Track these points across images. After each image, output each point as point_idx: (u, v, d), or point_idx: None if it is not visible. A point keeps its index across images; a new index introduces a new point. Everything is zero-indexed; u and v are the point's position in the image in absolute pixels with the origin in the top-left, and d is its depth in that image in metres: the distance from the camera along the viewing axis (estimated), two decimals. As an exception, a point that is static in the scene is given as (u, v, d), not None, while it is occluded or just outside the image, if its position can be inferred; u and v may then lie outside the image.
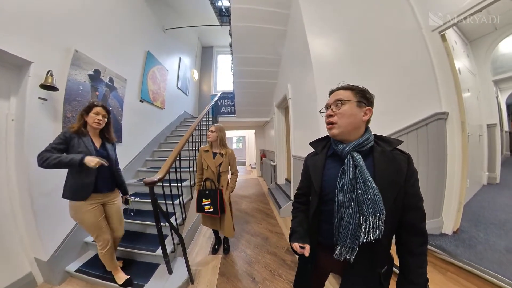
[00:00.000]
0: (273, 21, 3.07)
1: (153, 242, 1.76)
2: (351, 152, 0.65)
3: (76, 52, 1.86)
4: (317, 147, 0.80)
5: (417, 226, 0.64)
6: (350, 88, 0.68)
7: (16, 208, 1.49)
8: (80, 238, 1.81)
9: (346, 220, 0.63)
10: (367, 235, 0.59)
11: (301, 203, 0.86)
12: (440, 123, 1.66)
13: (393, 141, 0.67)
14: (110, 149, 1.46)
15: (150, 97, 3.30)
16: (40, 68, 1.53)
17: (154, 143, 3.44)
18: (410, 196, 0.63)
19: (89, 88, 2.04)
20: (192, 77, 5.56)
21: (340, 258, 0.65)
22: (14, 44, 1.38)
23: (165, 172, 1.48)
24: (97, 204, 1.37)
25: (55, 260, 1.56)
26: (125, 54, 2.69)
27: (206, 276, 1.69)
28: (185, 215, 2.08)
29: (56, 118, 1.68)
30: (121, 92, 2.56)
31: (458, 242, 1.66)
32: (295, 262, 1.84)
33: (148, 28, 3.33)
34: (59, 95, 1.70)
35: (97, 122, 1.34)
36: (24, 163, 1.45)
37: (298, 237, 0.74)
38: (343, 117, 0.65)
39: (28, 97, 1.47)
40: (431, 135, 1.70)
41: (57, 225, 1.63)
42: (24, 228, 1.50)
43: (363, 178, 0.60)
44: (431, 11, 1.65)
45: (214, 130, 1.87)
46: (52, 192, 1.59)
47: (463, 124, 1.66)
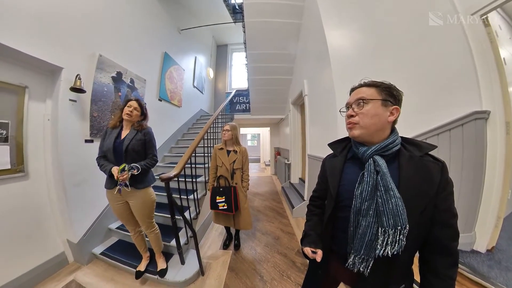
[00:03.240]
0: (287, 14, 2.96)
1: (169, 233, 1.86)
2: (373, 156, 0.59)
3: (100, 57, 2.02)
4: (337, 148, 0.74)
5: (446, 245, 0.56)
6: (374, 85, 0.60)
7: (52, 196, 1.70)
8: (105, 225, 2.01)
9: (362, 229, 0.58)
10: (384, 248, 0.54)
11: (316, 206, 0.82)
12: (480, 123, 1.40)
13: (424, 146, 0.58)
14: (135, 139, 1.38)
15: (168, 96, 3.46)
16: (70, 73, 1.70)
17: (172, 139, 3.61)
18: (441, 211, 0.55)
19: (113, 89, 2.20)
20: (207, 76, 5.69)
21: (353, 269, 0.61)
22: (48, 52, 1.54)
23: (181, 168, 1.55)
24: (120, 202, 1.41)
25: (83, 242, 1.76)
26: (144, 56, 2.85)
27: (216, 270, 1.73)
28: (199, 210, 2.16)
29: (84, 117, 1.86)
30: (141, 92, 2.73)
31: (493, 262, 1.43)
32: (305, 265, 1.79)
33: (164, 30, 3.46)
34: (86, 97, 1.87)
35: (128, 114, 1.39)
36: (59, 158, 1.64)
37: (310, 241, 0.71)
38: (365, 117, 0.58)
39: (60, 99, 1.65)
40: (468, 138, 1.45)
41: (86, 212, 1.83)
42: (59, 213, 1.72)
43: (385, 185, 0.54)
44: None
45: (229, 129, 1.89)
46: (82, 183, 1.80)
47: (508, 125, 1.38)
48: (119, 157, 1.35)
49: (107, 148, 1.35)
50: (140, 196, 1.40)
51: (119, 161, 1.34)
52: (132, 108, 1.41)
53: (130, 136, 1.39)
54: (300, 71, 3.37)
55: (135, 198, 1.40)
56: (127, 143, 1.36)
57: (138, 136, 1.41)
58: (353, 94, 0.64)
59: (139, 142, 1.40)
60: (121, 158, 1.35)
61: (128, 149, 1.36)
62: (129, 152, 1.36)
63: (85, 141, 1.86)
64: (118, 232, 2.00)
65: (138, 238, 1.56)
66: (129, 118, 1.40)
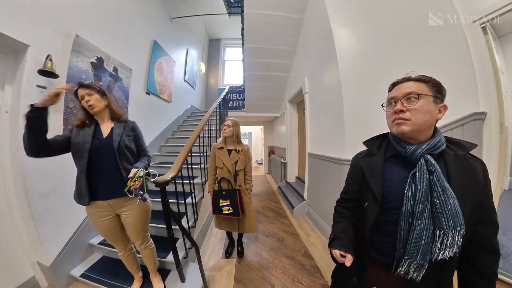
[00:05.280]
0: (288, 8, 2.85)
1: (163, 246, 1.60)
2: (424, 155, 0.57)
3: (77, 37, 1.69)
4: (372, 147, 0.72)
5: (490, 242, 0.58)
6: (423, 80, 0.59)
7: (14, 209, 1.35)
8: (84, 240, 1.68)
9: (417, 233, 0.55)
10: (443, 251, 0.53)
11: (347, 208, 0.78)
12: (478, 124, 1.52)
13: (467, 145, 0.60)
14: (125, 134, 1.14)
15: (156, 89, 3.13)
16: (38, 53, 1.37)
17: (161, 137, 3.30)
18: (485, 208, 0.57)
19: (92, 77, 1.87)
20: (199, 70, 5.37)
21: (405, 276, 0.58)
22: (9, 26, 1.21)
23: (178, 169, 1.32)
24: (108, 217, 1.12)
25: (58, 264, 1.44)
26: (131, 43, 2.51)
27: (221, 284, 1.57)
28: (197, 216, 1.93)
29: (56, 108, 1.51)
30: (126, 83, 2.39)
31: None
32: (314, 267, 1.73)
33: (155, 16, 3.14)
34: (60, 83, 1.53)
35: (90, 107, 1.04)
36: (20, 161, 1.29)
37: (341, 244, 0.67)
38: (418, 113, 0.56)
39: (24, 85, 1.31)
40: (467, 137, 1.53)
41: (58, 228, 1.50)
42: (24, 231, 1.37)
43: (443, 186, 0.53)
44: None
45: (231, 125, 1.69)
46: (52, 193, 1.45)
47: (502, 126, 1.51)
48: (107, 157, 1.07)
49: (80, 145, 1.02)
50: (136, 205, 1.14)
51: (107, 162, 1.07)
52: (86, 98, 1.03)
53: (118, 131, 1.13)
54: (300, 68, 3.29)
55: (131, 208, 1.14)
56: (118, 139, 1.10)
57: (127, 130, 1.17)
58: (397, 89, 0.62)
59: (129, 138, 1.17)
60: (110, 159, 1.08)
61: (121, 147, 1.10)
62: (122, 151, 1.11)
63: (56, 138, 1.52)
64: (102, 248, 1.68)
65: (129, 257, 1.29)
66: (96, 110, 1.06)
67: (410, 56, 1.78)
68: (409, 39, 1.81)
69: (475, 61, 1.52)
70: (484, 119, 1.52)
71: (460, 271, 0.61)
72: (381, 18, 1.96)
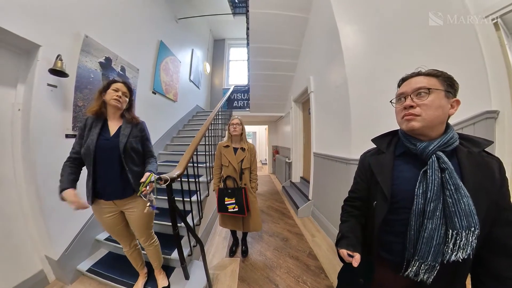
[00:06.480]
0: (293, 7, 2.83)
1: (168, 243, 1.61)
2: (435, 152, 0.54)
3: (86, 38, 1.73)
4: (381, 144, 0.70)
5: (506, 244, 0.54)
6: (434, 75, 0.57)
7: (24, 205, 1.39)
8: (91, 236, 1.72)
9: (429, 232, 0.53)
10: (456, 252, 0.51)
11: (354, 207, 0.76)
12: (490, 122, 1.46)
13: (481, 142, 0.57)
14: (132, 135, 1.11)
15: (162, 88, 3.17)
16: (49, 52, 1.41)
17: (167, 136, 3.34)
18: (502, 208, 0.53)
19: (100, 76, 1.91)
20: (204, 70, 5.41)
21: (415, 278, 0.55)
22: (21, 26, 1.25)
23: (184, 167, 1.33)
24: (113, 213, 1.12)
25: (65, 258, 1.47)
26: (137, 43, 2.55)
27: (225, 282, 1.56)
28: (202, 214, 1.94)
29: (65, 107, 1.56)
30: (133, 82, 2.43)
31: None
32: (319, 268, 1.69)
33: (161, 16, 3.18)
34: (69, 82, 1.58)
35: (116, 99, 1.04)
36: (31, 158, 1.33)
37: (348, 244, 0.65)
38: (429, 109, 0.54)
39: (36, 84, 1.35)
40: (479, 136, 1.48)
41: (67, 223, 1.53)
42: (34, 226, 1.41)
43: (455, 184, 0.51)
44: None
45: (240, 123, 1.71)
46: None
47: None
48: (110, 159, 1.04)
49: (87, 147, 1.00)
50: (141, 203, 1.13)
51: (112, 163, 1.05)
52: (120, 92, 1.06)
53: (126, 132, 1.09)
54: (305, 67, 3.26)
55: (136, 206, 1.14)
56: (124, 140, 1.06)
57: (134, 131, 1.13)
58: (407, 84, 0.59)
59: (136, 139, 1.13)
60: (113, 161, 1.04)
61: (127, 149, 1.06)
62: (128, 152, 1.06)
63: (66, 136, 1.56)
64: (108, 244, 1.71)
65: (134, 253, 1.30)
66: (118, 105, 1.06)
67: (417, 53, 1.73)
68: (417, 35, 1.76)
69: (486, 58, 1.46)
70: (497, 118, 1.46)
71: (473, 274, 0.58)
72: (388, 14, 1.91)
